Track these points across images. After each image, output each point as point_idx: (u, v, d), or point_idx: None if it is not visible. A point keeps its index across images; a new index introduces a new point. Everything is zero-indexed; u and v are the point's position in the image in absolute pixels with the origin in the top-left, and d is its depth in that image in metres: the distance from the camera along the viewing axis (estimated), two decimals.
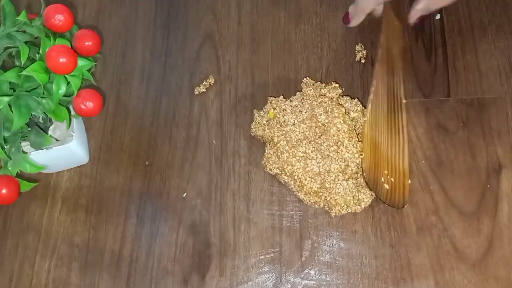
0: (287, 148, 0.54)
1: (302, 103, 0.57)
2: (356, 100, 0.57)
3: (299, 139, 0.54)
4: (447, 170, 0.55)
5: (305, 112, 0.56)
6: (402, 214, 0.53)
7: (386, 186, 0.53)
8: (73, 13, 0.47)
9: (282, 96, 0.58)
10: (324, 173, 0.53)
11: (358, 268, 0.52)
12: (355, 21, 0.60)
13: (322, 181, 0.53)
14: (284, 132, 0.55)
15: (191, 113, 0.61)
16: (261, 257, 0.53)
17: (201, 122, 0.60)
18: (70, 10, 0.46)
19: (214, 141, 0.59)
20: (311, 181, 0.53)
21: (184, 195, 0.57)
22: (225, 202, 0.56)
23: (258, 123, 0.58)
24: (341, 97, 0.58)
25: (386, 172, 0.54)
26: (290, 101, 0.57)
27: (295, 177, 0.54)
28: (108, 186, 0.58)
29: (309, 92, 0.57)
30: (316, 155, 0.53)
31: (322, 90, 0.58)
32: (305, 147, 0.54)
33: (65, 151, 0.53)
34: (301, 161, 0.53)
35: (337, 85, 0.58)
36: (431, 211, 0.53)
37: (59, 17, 0.45)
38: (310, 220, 0.54)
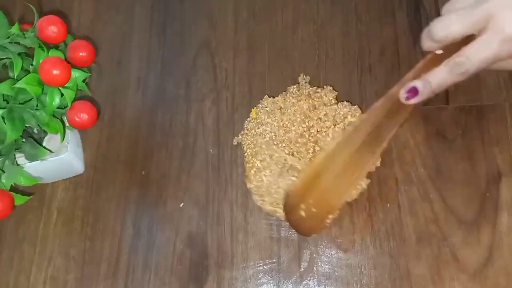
0: (250, 157, 0.54)
1: (284, 99, 0.57)
2: (356, 106, 0.56)
3: (264, 141, 0.54)
4: (446, 178, 0.54)
5: (287, 109, 0.55)
6: (402, 224, 0.53)
7: (302, 213, 0.49)
8: (67, 22, 0.47)
9: (267, 95, 0.58)
10: (268, 184, 0.53)
11: (358, 278, 0.51)
12: (420, 99, 0.46)
13: (264, 192, 0.53)
14: (253, 139, 0.55)
15: (188, 122, 0.60)
16: (259, 268, 0.52)
17: (197, 131, 0.60)
18: (63, 21, 0.45)
19: (211, 150, 0.59)
20: (262, 202, 0.53)
21: (181, 205, 0.56)
22: (222, 212, 0.55)
23: (246, 128, 0.57)
24: (341, 102, 0.57)
25: (311, 201, 0.48)
26: (276, 101, 0.57)
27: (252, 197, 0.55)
28: (104, 197, 0.57)
29: (292, 90, 0.57)
30: (270, 165, 0.53)
31: (317, 92, 0.57)
32: (265, 151, 0.53)
33: (60, 162, 0.53)
34: (256, 175, 0.53)
35: (331, 87, 0.58)
36: (430, 220, 0.53)
37: (52, 29, 0.45)
38: None
